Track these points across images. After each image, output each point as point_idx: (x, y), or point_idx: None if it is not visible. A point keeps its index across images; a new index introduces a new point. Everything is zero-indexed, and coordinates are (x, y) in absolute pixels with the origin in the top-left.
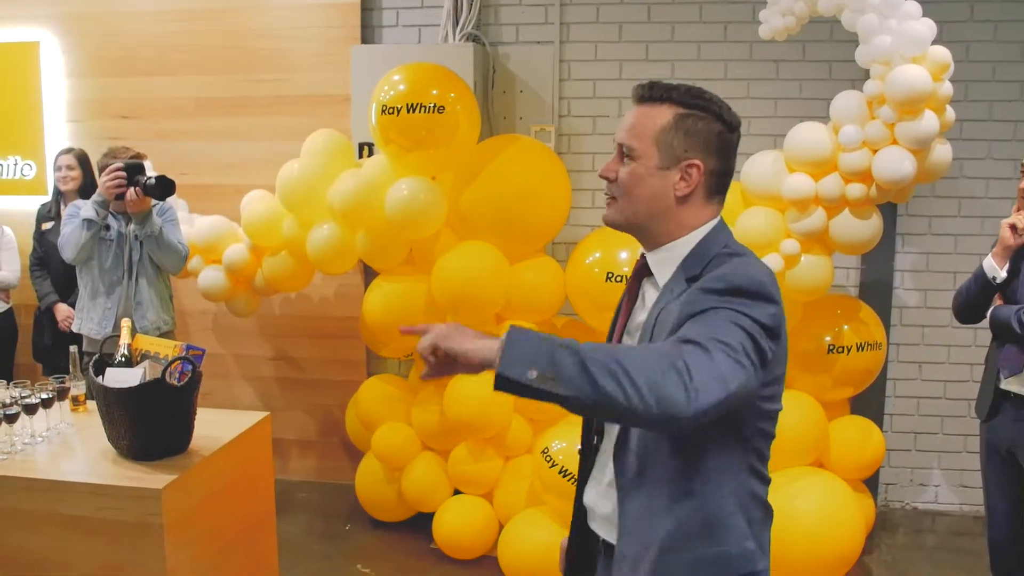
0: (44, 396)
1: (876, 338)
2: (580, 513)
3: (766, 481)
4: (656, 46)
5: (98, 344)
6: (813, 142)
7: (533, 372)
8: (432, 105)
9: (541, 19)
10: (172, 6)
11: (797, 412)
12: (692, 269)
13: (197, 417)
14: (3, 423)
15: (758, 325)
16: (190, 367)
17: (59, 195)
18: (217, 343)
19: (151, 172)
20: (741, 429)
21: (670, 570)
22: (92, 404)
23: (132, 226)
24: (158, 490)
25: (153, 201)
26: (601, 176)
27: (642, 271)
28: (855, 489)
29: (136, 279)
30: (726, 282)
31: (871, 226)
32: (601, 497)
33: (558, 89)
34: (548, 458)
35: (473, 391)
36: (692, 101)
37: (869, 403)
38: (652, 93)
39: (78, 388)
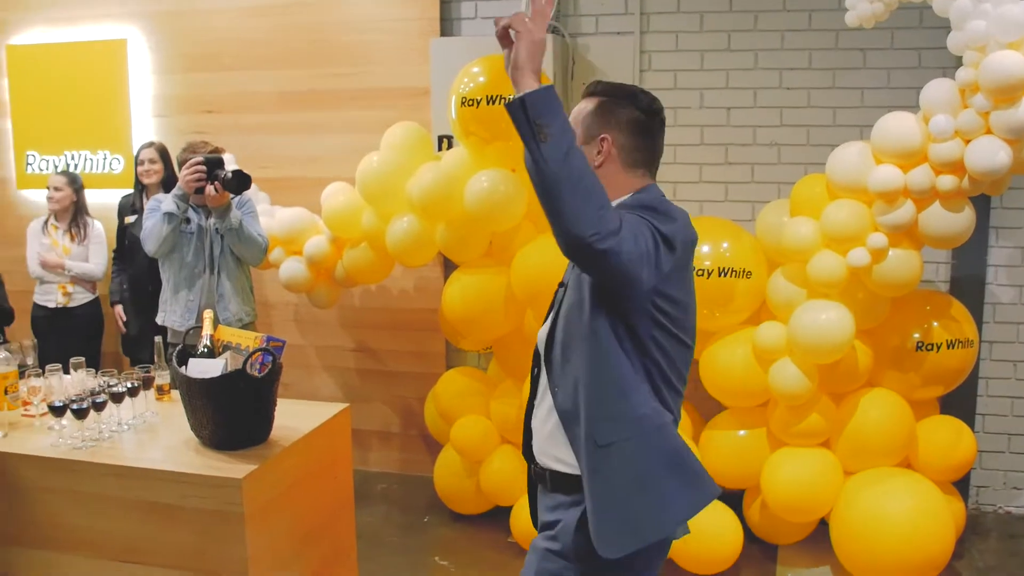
0: (130, 385)
1: (967, 335)
2: (528, 439)
3: (668, 406)
4: (738, 35)
5: (181, 335)
6: (902, 132)
7: (541, 119)
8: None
9: (621, 9)
10: (254, 3)
11: (884, 410)
12: None
13: (277, 408)
14: (91, 411)
15: (658, 232)
16: (271, 358)
17: (142, 189)
18: (298, 334)
19: (232, 166)
20: (632, 320)
21: (600, 432)
22: (176, 393)
23: (212, 220)
24: (239, 480)
25: (232, 195)
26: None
27: None
28: (944, 491)
29: (217, 272)
30: (636, 199)
31: (963, 219)
32: (540, 422)
33: (638, 80)
34: None
35: None
36: (613, 93)
37: (960, 403)
38: (587, 90)
39: (163, 378)
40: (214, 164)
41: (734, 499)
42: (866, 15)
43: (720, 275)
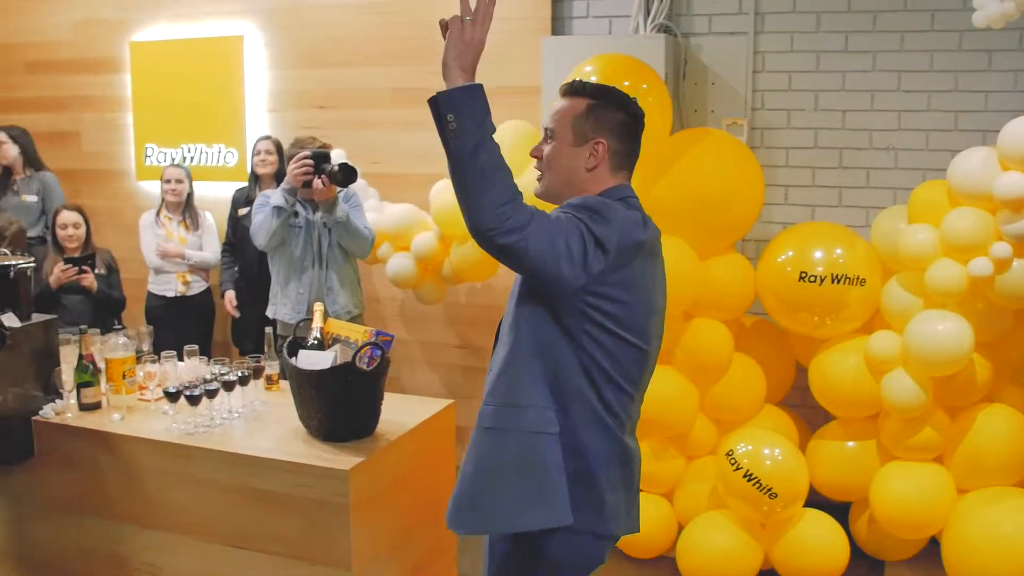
0: (241, 374)
1: None
2: None
3: (609, 405)
4: (856, 36)
5: (292, 328)
6: None
7: (453, 115)
8: None
9: (735, 9)
10: (367, 0)
11: (1002, 427)
12: None
13: (384, 402)
14: (204, 398)
15: (589, 232)
16: (379, 352)
17: (256, 180)
18: (404, 329)
19: (343, 160)
20: (561, 315)
21: (484, 416)
22: (284, 384)
23: (319, 214)
24: (346, 471)
25: (338, 188)
26: (532, 155)
27: None
28: None
29: (325, 265)
30: (579, 200)
31: None
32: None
33: (751, 81)
34: (733, 461)
35: (657, 388)
36: (601, 95)
37: None
38: (572, 89)
39: (272, 368)
40: (321, 159)
41: (841, 512)
42: (995, 15)
43: (833, 282)
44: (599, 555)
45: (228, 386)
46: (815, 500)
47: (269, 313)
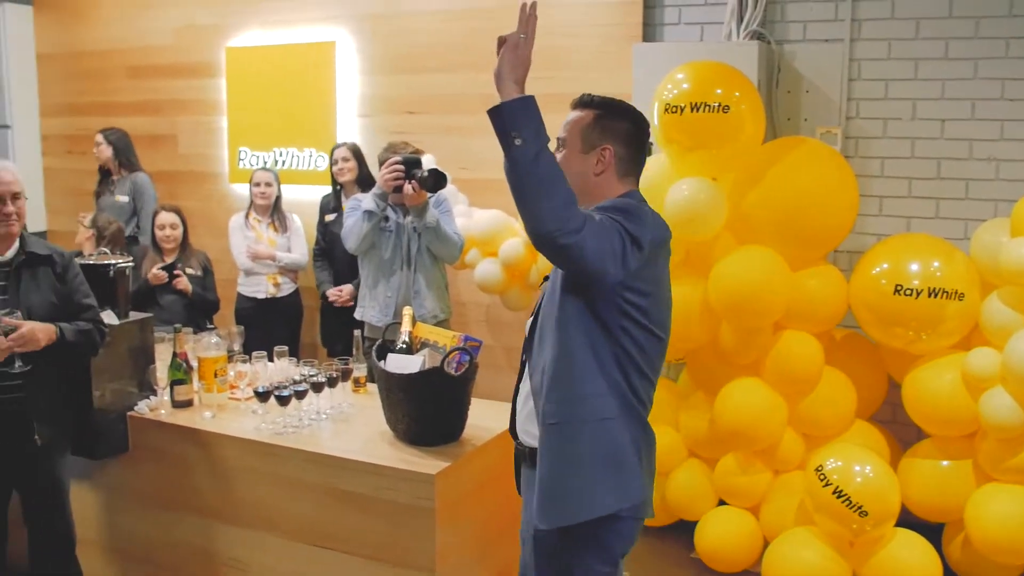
0: (330, 376)
1: None
2: (513, 418)
3: (638, 394)
4: (957, 43)
5: (380, 331)
6: None
7: (514, 126)
8: (717, 104)
9: (831, 16)
10: (457, 6)
11: None
12: None
13: (470, 407)
14: (293, 398)
15: (626, 232)
16: (468, 358)
17: (339, 188)
18: (489, 334)
19: (431, 166)
20: (600, 310)
21: (548, 414)
22: (371, 387)
23: (409, 218)
24: (432, 475)
25: (428, 194)
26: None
27: None
28: None
29: (414, 269)
30: (610, 203)
31: None
32: (522, 403)
33: (847, 89)
34: (822, 476)
35: (746, 400)
36: (607, 106)
37: None
38: (581, 102)
39: (360, 370)
40: (411, 164)
41: (933, 533)
42: None
43: (929, 295)
44: (635, 537)
45: (317, 387)
46: (907, 520)
47: (357, 315)
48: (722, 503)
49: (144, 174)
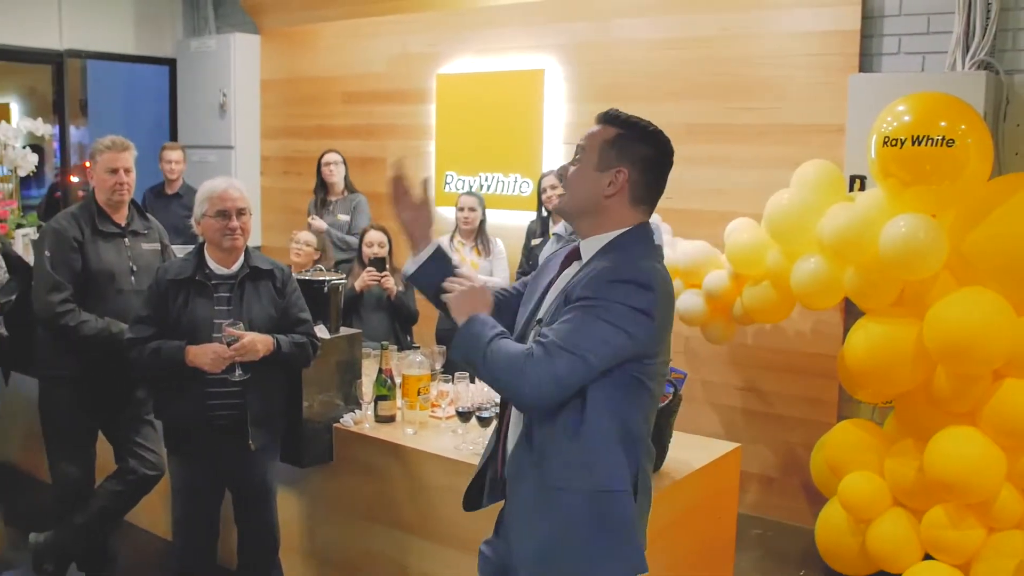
0: None
1: None
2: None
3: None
4: None
5: None
6: None
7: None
8: (940, 138)
9: None
10: (665, 35)
11: None
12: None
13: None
14: (493, 420)
15: (632, 310)
16: (671, 389)
17: (545, 215)
18: (687, 366)
19: None
20: (620, 385)
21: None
22: None
23: None
24: None
25: None
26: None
27: (574, 254)
28: None
29: None
30: (614, 274)
31: None
32: (513, 434)
33: None
34: None
35: (961, 451)
36: (631, 127)
37: None
38: (607, 117)
39: None
40: None
41: None
42: None
43: None
44: None
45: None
46: None
47: None
48: (928, 557)
49: (363, 196)
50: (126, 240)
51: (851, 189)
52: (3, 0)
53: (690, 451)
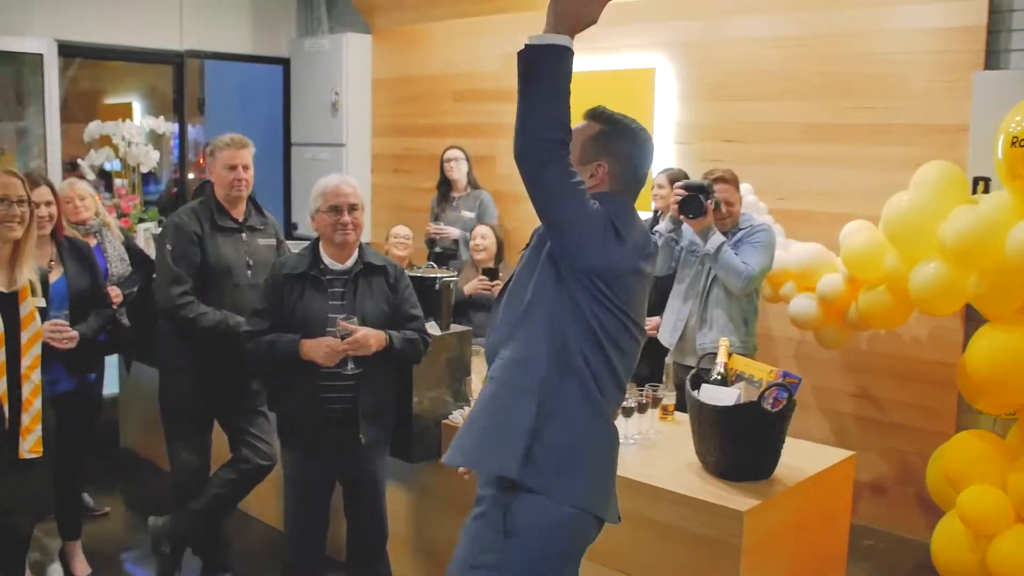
0: (640, 402)
1: None
2: None
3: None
4: None
5: (695, 361)
6: None
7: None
8: None
9: None
10: (777, 32)
11: None
12: None
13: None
14: None
15: (611, 223)
16: (786, 394)
17: (658, 213)
18: (797, 370)
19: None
20: (574, 293)
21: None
22: (679, 415)
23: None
24: (741, 512)
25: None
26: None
27: None
28: None
29: (705, 297)
30: (601, 194)
31: None
32: None
33: None
34: None
35: None
36: (613, 124)
37: None
38: (593, 113)
39: (668, 398)
40: (694, 189)
41: None
42: None
43: None
44: (589, 535)
45: (626, 412)
46: None
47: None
48: None
49: (487, 192)
50: (243, 235)
51: (974, 191)
52: (128, 3)
53: (803, 458)
